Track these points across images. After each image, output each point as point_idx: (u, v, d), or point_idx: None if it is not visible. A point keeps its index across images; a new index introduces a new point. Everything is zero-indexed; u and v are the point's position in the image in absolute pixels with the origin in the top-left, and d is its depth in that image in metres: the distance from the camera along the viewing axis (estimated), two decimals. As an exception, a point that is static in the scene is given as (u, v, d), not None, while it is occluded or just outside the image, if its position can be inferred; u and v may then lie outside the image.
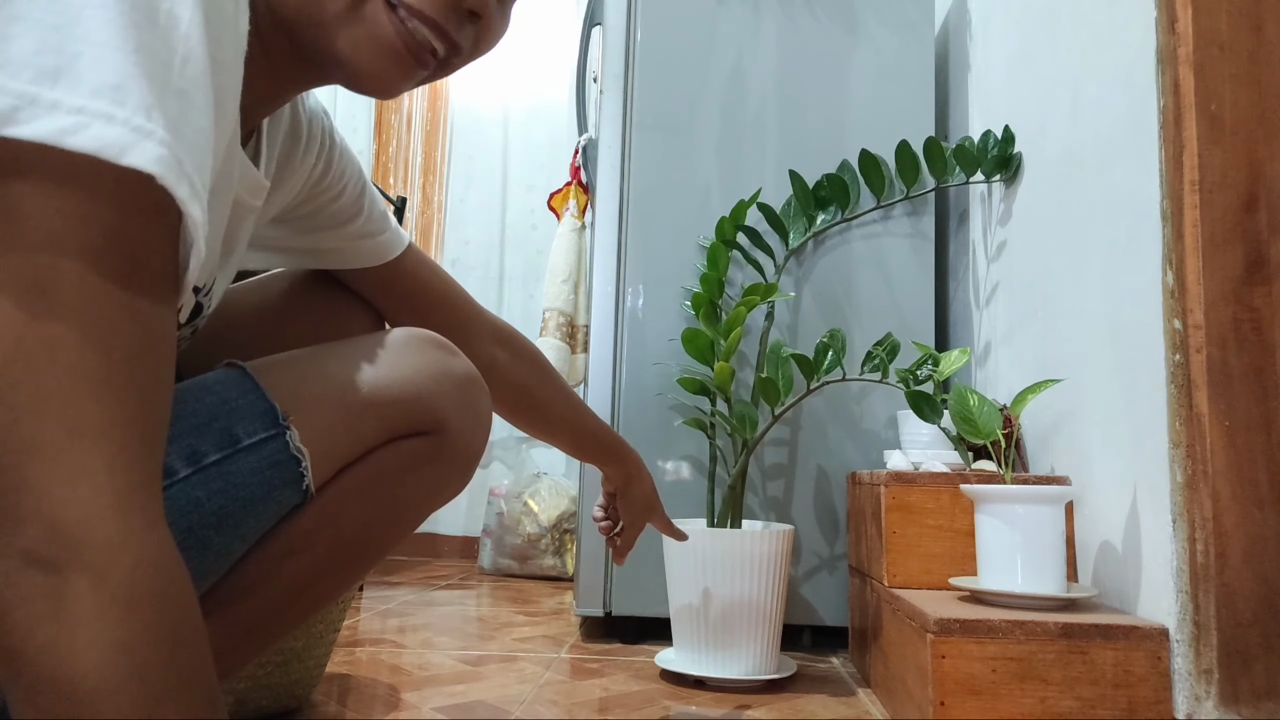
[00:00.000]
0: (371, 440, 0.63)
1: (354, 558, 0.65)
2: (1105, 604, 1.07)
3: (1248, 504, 0.88)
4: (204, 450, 0.54)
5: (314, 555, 0.62)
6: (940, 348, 1.71)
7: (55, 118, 0.36)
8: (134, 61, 0.37)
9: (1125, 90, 1.08)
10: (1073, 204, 1.23)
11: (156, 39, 0.38)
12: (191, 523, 0.53)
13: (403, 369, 0.65)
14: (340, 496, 0.62)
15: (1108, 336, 1.11)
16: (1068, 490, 1.04)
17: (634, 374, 1.59)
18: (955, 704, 0.93)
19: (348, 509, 0.63)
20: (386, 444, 0.64)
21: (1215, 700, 0.86)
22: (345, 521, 0.63)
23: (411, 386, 0.64)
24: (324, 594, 0.65)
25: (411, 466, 0.65)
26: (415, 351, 0.66)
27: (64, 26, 0.36)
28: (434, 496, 0.69)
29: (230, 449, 0.55)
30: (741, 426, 1.37)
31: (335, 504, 0.62)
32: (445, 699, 1.11)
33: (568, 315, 2.19)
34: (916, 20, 1.69)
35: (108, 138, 0.36)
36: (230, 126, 0.46)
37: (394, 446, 0.65)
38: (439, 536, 2.85)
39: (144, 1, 0.38)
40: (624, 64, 1.68)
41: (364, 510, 0.63)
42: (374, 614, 1.74)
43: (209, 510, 0.54)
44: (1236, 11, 0.93)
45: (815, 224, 1.58)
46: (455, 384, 0.67)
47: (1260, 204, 0.91)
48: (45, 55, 0.36)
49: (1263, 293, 0.90)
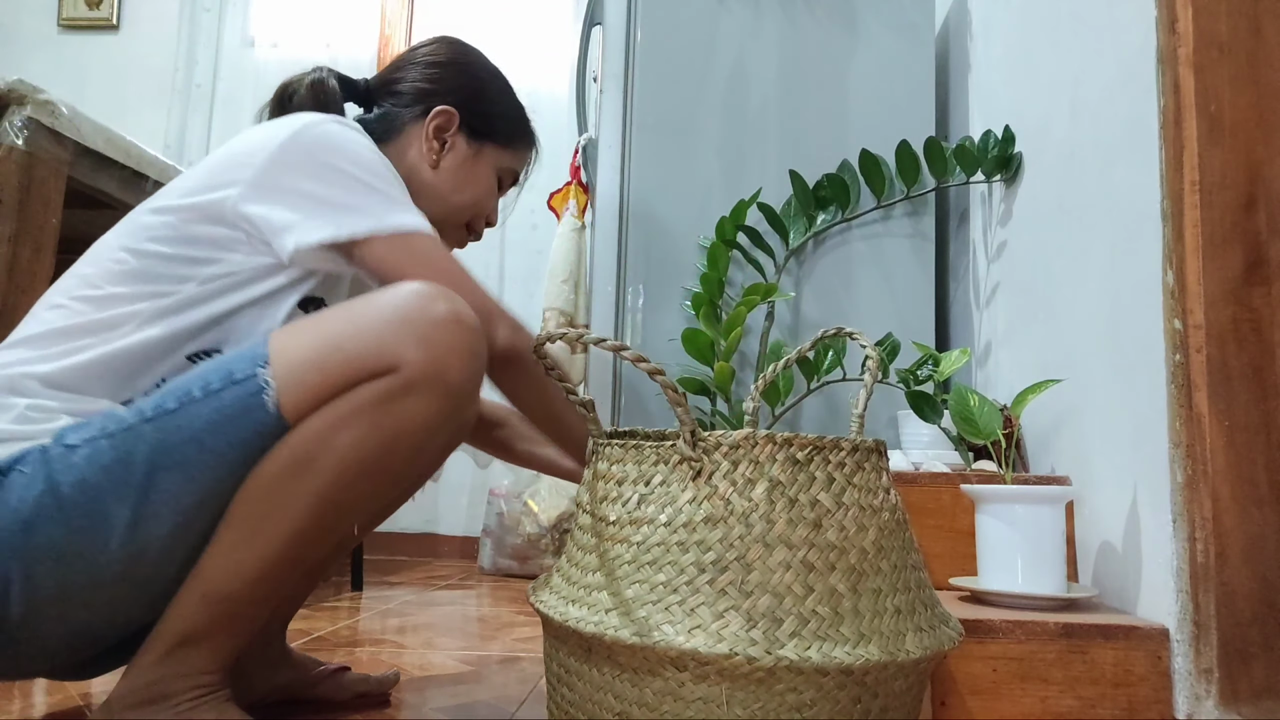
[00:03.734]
0: (344, 377, 0.78)
1: (360, 477, 0.79)
2: (1105, 604, 1.07)
3: (1247, 504, 0.88)
4: (212, 383, 0.78)
5: (321, 476, 0.78)
6: (940, 347, 1.71)
7: (412, 217, 0.91)
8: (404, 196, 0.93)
9: (1125, 90, 1.08)
10: (1073, 204, 1.23)
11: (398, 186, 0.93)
12: (196, 428, 0.77)
13: (372, 316, 0.80)
14: (321, 425, 0.78)
15: (1108, 336, 1.11)
16: (1068, 490, 1.04)
17: (634, 374, 1.59)
18: (955, 703, 0.93)
19: (334, 434, 0.78)
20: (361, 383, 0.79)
21: (1215, 700, 0.87)
22: (328, 446, 0.78)
23: (374, 329, 0.79)
24: (340, 514, 0.81)
25: (383, 400, 0.78)
26: (393, 302, 0.80)
27: (383, 188, 0.91)
28: (419, 427, 0.80)
29: (227, 382, 0.78)
30: (741, 426, 1.37)
31: (318, 431, 0.78)
32: (445, 699, 1.11)
33: (568, 315, 2.19)
34: (917, 20, 1.69)
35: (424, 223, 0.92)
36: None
37: (366, 384, 0.78)
38: (439, 536, 2.85)
39: (394, 174, 0.93)
40: (624, 64, 1.68)
41: (349, 435, 0.78)
42: (374, 614, 1.74)
43: (206, 420, 0.77)
44: (1236, 12, 0.93)
45: (815, 224, 1.59)
46: (414, 325, 0.79)
47: (1260, 204, 0.91)
48: (387, 200, 0.90)
49: (1262, 293, 0.90)
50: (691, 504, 0.73)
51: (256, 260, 0.88)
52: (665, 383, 0.72)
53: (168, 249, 0.86)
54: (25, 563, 0.74)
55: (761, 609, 0.69)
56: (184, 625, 0.78)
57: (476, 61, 1.13)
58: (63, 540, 0.75)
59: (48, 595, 0.76)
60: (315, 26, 3.12)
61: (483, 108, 1.09)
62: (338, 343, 0.79)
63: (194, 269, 0.86)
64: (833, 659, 0.67)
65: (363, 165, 0.89)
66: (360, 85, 1.09)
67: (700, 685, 0.68)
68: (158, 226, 0.87)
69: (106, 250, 0.87)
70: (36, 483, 0.75)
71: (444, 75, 1.08)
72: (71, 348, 0.82)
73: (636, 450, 0.79)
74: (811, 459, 0.74)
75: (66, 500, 0.75)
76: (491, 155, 1.11)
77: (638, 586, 0.72)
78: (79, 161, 1.32)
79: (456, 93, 1.08)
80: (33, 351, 0.82)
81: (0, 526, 0.74)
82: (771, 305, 1.50)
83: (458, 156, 1.08)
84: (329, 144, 0.89)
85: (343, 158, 0.88)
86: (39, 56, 3.14)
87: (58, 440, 0.77)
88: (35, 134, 1.23)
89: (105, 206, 1.45)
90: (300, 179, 0.87)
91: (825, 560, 0.71)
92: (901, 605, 0.74)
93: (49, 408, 0.80)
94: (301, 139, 0.88)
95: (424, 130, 1.06)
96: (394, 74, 1.10)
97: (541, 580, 0.87)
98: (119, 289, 0.85)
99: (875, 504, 0.76)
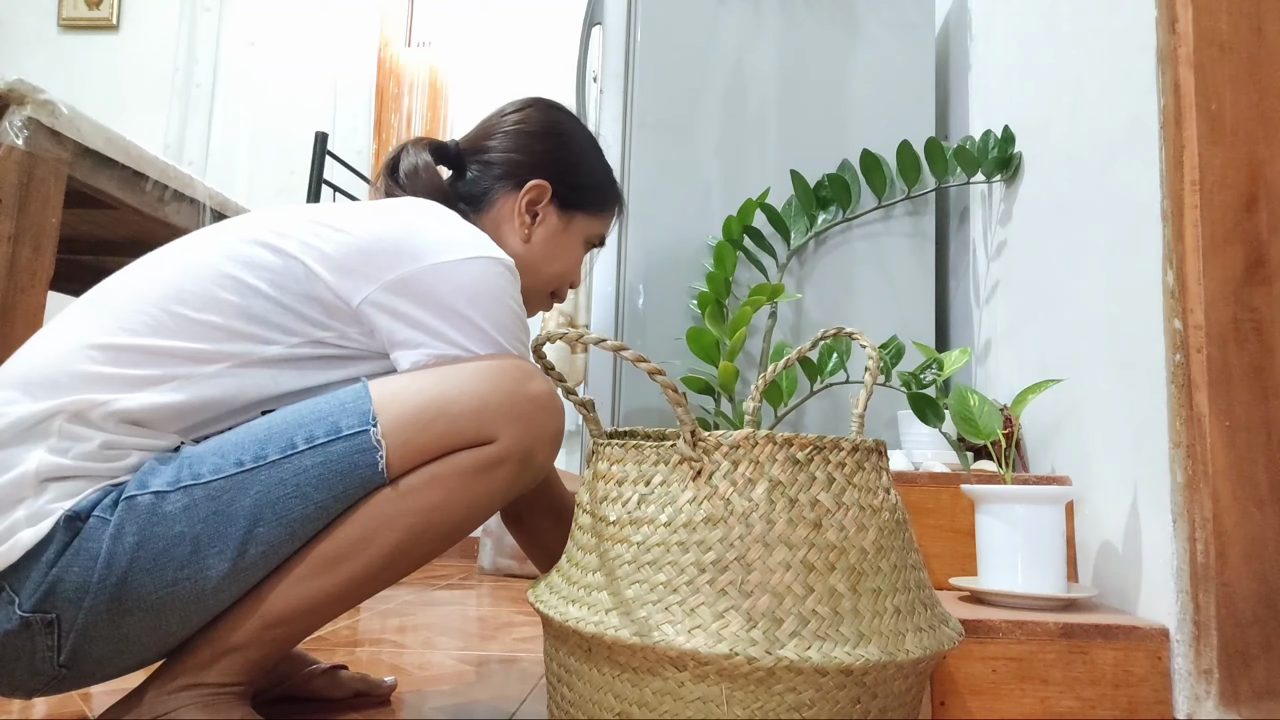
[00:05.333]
0: (444, 442, 0.81)
1: (438, 535, 0.83)
2: (1105, 604, 1.07)
3: (1248, 504, 0.88)
4: (316, 434, 0.79)
5: (403, 532, 0.81)
6: (940, 347, 1.71)
7: (520, 346, 0.90)
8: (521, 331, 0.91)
9: (1126, 90, 1.08)
10: (1073, 204, 1.23)
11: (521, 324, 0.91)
12: (300, 481, 0.77)
13: (476, 387, 0.82)
14: (420, 484, 0.81)
15: (1108, 336, 1.11)
16: (1068, 490, 1.04)
17: (634, 374, 1.59)
18: (955, 704, 0.93)
19: (428, 495, 0.81)
20: (461, 450, 0.82)
21: (1215, 700, 0.86)
22: (421, 504, 0.81)
23: (477, 401, 0.82)
24: (405, 564, 0.84)
25: (477, 470, 0.82)
26: (493, 373, 0.83)
27: (501, 316, 0.88)
28: (496, 496, 0.84)
29: (335, 435, 0.79)
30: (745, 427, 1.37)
31: (416, 490, 0.81)
32: (445, 699, 1.11)
33: (568, 315, 2.19)
34: (917, 20, 1.69)
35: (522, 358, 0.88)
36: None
37: (462, 452, 0.82)
38: (439, 536, 2.85)
39: (521, 312, 0.91)
40: (624, 64, 1.68)
41: (440, 497, 0.81)
42: (374, 614, 1.74)
43: (313, 475, 0.77)
44: (1237, 11, 0.93)
45: (816, 224, 1.59)
46: (514, 401, 0.83)
47: (1260, 204, 0.91)
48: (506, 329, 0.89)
49: (1263, 293, 0.90)
50: (692, 504, 0.73)
51: (371, 343, 0.86)
52: (665, 383, 0.72)
53: (284, 297, 0.83)
54: (114, 614, 0.74)
55: (761, 609, 0.69)
56: (235, 639, 0.79)
57: (570, 131, 1.12)
58: (156, 594, 0.74)
59: (132, 641, 0.76)
60: (315, 26, 3.12)
61: (575, 180, 1.09)
62: (441, 406, 0.80)
63: (305, 327, 0.84)
64: (832, 659, 0.67)
65: (501, 322, 0.88)
66: (451, 150, 1.09)
67: (700, 685, 0.68)
68: (280, 271, 0.83)
69: (210, 269, 0.83)
70: (127, 533, 0.73)
71: (536, 146, 1.08)
72: (155, 376, 0.78)
73: (636, 450, 0.79)
74: (811, 459, 0.74)
75: (163, 554, 0.74)
76: (582, 225, 1.10)
77: (638, 586, 0.72)
78: (79, 161, 1.32)
79: (549, 166, 1.07)
80: (112, 368, 0.77)
81: (87, 576, 0.72)
82: (775, 305, 1.50)
83: (549, 229, 1.07)
84: (483, 286, 0.87)
85: (487, 308, 0.87)
86: (39, 56, 3.14)
87: (140, 484, 0.75)
88: (35, 134, 1.23)
89: (105, 206, 1.45)
90: (437, 312, 0.85)
91: (825, 560, 0.71)
92: (901, 605, 0.74)
93: (123, 444, 0.77)
94: (461, 270, 0.86)
95: (517, 204, 1.05)
96: (484, 140, 1.09)
97: (541, 580, 0.87)
98: (218, 318, 0.81)
99: (875, 504, 0.76)
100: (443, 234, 0.89)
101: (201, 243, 0.86)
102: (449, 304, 0.85)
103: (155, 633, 0.77)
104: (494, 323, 0.87)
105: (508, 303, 0.89)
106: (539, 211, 1.07)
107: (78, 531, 0.73)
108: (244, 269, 0.83)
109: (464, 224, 0.92)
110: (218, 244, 0.85)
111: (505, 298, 0.88)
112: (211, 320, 0.81)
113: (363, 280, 0.84)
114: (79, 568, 0.72)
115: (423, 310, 0.85)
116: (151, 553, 0.73)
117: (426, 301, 0.85)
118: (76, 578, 0.72)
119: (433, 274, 0.85)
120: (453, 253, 0.87)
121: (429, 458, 0.81)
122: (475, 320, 0.86)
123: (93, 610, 0.73)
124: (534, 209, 1.07)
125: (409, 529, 0.81)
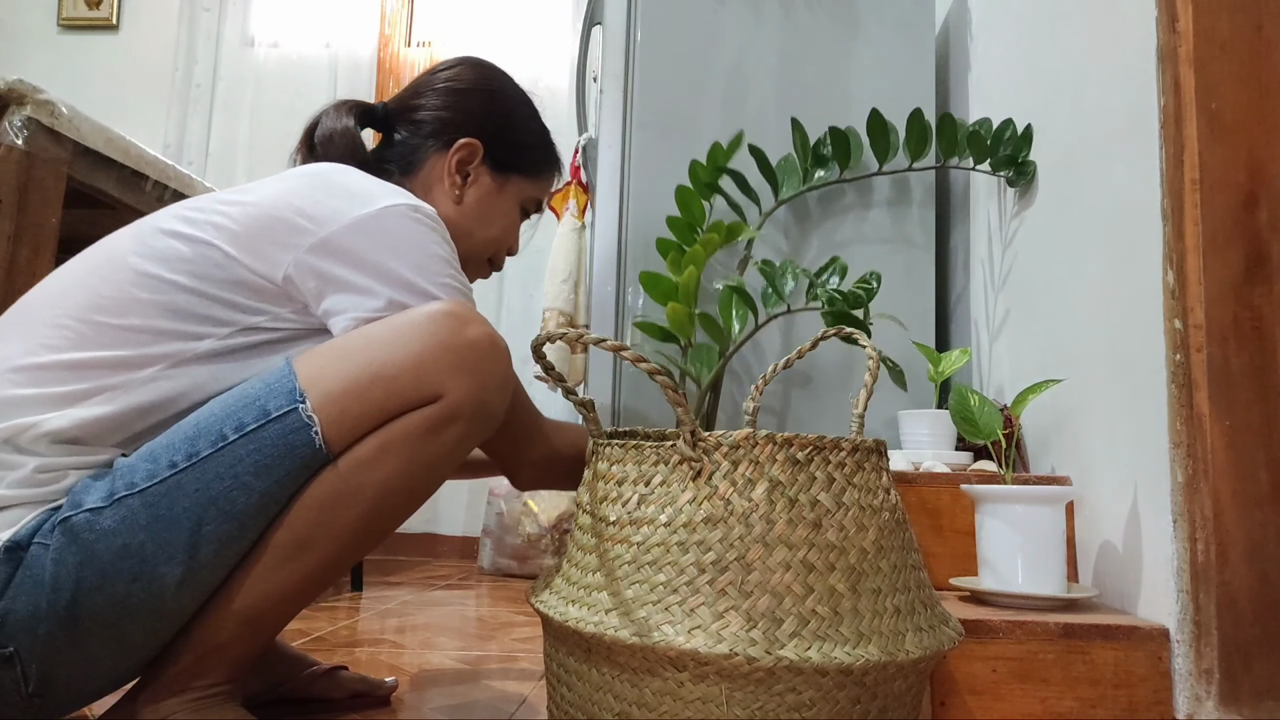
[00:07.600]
0: (386, 406, 0.77)
1: (399, 505, 0.80)
2: (1105, 604, 1.07)
3: (1248, 504, 0.88)
4: (246, 422, 0.75)
5: (363, 505, 0.77)
6: (940, 347, 1.71)
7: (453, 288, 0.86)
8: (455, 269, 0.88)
9: (1126, 89, 1.08)
10: (1073, 203, 1.23)
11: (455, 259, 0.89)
12: (238, 472, 0.74)
13: (410, 343, 0.77)
14: (368, 456, 0.77)
15: (1108, 336, 1.11)
16: (1068, 490, 1.04)
17: (634, 373, 1.59)
18: (955, 704, 0.93)
19: (379, 464, 0.77)
20: (404, 414, 0.77)
21: (1216, 700, 0.86)
22: (374, 477, 0.77)
23: (412, 358, 0.77)
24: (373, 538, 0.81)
25: (427, 431, 0.78)
26: (426, 324, 0.78)
27: (427, 262, 0.84)
28: (452, 454, 0.81)
29: (264, 419, 0.75)
30: (699, 370, 1.35)
31: (365, 462, 0.77)
32: (445, 699, 1.11)
33: (568, 315, 2.19)
34: (917, 20, 1.69)
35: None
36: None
37: (408, 415, 0.77)
38: (439, 536, 2.85)
39: (448, 253, 0.87)
40: (624, 63, 1.68)
41: (393, 465, 0.77)
42: (373, 614, 1.74)
43: (249, 463, 0.74)
44: (1237, 11, 0.93)
45: (812, 179, 1.53)
46: (453, 352, 0.78)
47: (1261, 203, 0.91)
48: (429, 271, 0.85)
49: (1263, 292, 0.90)
50: (691, 504, 0.73)
51: (307, 319, 0.83)
52: (665, 383, 0.72)
53: (206, 287, 0.79)
54: (74, 637, 0.72)
55: (761, 609, 0.68)
56: (214, 640, 0.78)
57: (502, 88, 1.08)
58: (110, 610, 0.72)
59: (101, 660, 0.75)
60: (315, 26, 3.12)
61: (508, 138, 1.05)
62: (376, 370, 0.76)
63: (234, 315, 0.80)
64: (832, 659, 0.67)
65: (428, 268, 0.84)
66: (378, 111, 1.05)
67: (700, 685, 0.68)
68: (196, 260, 0.80)
69: (124, 270, 0.79)
70: (68, 555, 0.70)
71: (467, 104, 1.03)
72: (84, 391, 0.75)
73: (636, 450, 0.78)
74: (811, 459, 0.74)
75: (109, 570, 0.71)
76: (516, 187, 1.06)
77: (638, 587, 0.72)
78: (78, 161, 1.32)
79: (481, 123, 1.03)
80: (36, 388, 0.74)
81: (36, 604, 0.70)
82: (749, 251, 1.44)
83: (481, 190, 1.03)
84: (402, 234, 0.84)
85: (411, 256, 0.84)
86: (39, 56, 3.14)
87: (74, 504, 0.72)
88: (35, 134, 1.23)
89: (105, 206, 1.45)
90: (360, 269, 0.82)
91: (825, 560, 0.71)
92: (901, 605, 0.74)
93: (58, 466, 0.74)
94: (378, 223, 0.83)
95: (446, 164, 1.01)
96: (413, 100, 1.05)
97: (541, 580, 0.87)
98: (140, 320, 0.78)
99: (875, 504, 0.75)
100: (353, 190, 0.86)
101: (113, 243, 0.83)
102: (370, 260, 0.82)
103: (122, 648, 0.75)
104: (420, 270, 0.83)
105: (431, 247, 0.85)
106: (470, 172, 1.02)
107: (20, 561, 0.70)
108: (159, 264, 0.79)
109: (372, 179, 0.89)
110: (129, 242, 0.82)
111: (428, 242, 0.85)
112: (134, 324, 0.77)
113: (280, 251, 0.81)
114: (26, 597, 0.70)
115: (345, 269, 0.81)
116: (96, 571, 0.71)
117: (348, 260, 0.82)
118: (26, 607, 0.70)
119: (352, 230, 0.82)
120: (365, 206, 0.84)
121: (372, 425, 0.77)
122: (400, 272, 0.82)
123: (49, 637, 0.71)
124: (465, 169, 1.02)
125: (367, 502, 0.77)
